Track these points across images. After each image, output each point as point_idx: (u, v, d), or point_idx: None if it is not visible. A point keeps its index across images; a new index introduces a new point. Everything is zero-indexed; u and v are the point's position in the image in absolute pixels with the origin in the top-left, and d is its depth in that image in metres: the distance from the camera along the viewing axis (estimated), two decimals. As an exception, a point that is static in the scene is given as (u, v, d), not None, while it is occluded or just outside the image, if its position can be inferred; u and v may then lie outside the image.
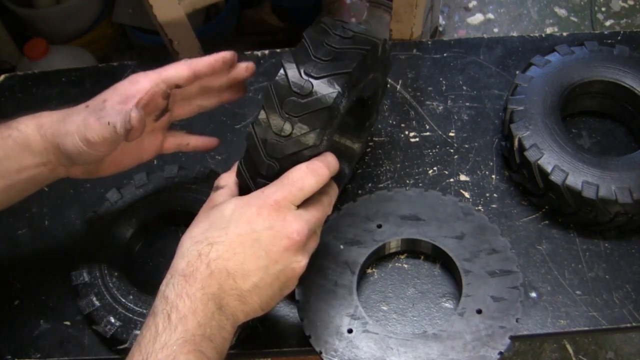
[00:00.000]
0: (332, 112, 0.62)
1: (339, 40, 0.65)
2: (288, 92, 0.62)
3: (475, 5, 2.29)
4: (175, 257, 0.60)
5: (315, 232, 0.65)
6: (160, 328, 0.55)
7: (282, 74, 0.62)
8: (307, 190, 0.61)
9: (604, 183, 0.76)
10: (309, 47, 0.64)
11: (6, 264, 0.85)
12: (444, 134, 0.92)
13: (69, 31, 1.79)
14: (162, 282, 0.59)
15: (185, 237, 0.61)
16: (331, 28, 0.67)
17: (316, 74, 0.62)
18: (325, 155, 0.64)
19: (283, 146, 0.62)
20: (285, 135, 0.61)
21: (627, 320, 0.75)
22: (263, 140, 0.62)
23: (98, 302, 0.75)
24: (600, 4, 2.27)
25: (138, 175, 0.85)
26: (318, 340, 0.71)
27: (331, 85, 0.62)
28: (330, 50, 0.64)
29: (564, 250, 0.80)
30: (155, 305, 0.57)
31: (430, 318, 0.75)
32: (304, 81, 0.62)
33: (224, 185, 0.66)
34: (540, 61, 0.87)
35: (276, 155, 0.62)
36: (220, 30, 1.68)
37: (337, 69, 0.62)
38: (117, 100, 0.66)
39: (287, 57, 0.63)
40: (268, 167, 0.63)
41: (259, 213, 0.59)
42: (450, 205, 0.80)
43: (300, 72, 0.62)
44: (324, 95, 0.61)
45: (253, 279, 0.59)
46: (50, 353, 0.77)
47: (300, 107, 0.61)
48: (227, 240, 0.59)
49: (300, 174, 0.61)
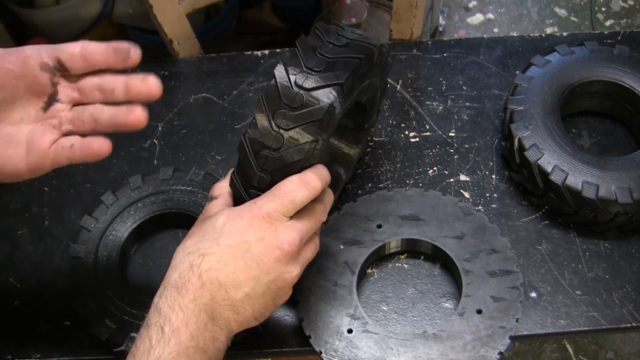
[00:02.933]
0: (323, 125, 0.61)
1: (332, 49, 0.64)
2: (279, 104, 0.61)
3: (475, 5, 2.29)
4: (169, 269, 0.60)
5: (312, 241, 0.65)
6: (154, 341, 0.55)
7: (273, 85, 0.62)
8: (299, 202, 0.61)
9: (604, 183, 0.76)
10: (301, 57, 0.63)
11: (6, 264, 0.85)
12: (444, 134, 0.92)
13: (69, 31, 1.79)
14: (155, 294, 0.59)
15: (178, 248, 0.62)
16: (325, 35, 0.65)
17: (308, 86, 0.61)
18: (318, 166, 0.63)
19: (274, 159, 0.61)
20: (277, 148, 0.61)
21: (627, 320, 0.75)
22: (254, 152, 0.62)
23: (93, 305, 0.75)
24: (600, 4, 2.27)
25: (133, 178, 0.85)
26: (318, 340, 0.71)
27: (323, 97, 0.61)
28: (322, 60, 0.63)
29: (564, 250, 0.80)
30: (149, 317, 0.58)
31: (430, 318, 0.75)
32: (294, 93, 0.61)
33: (217, 195, 0.67)
34: (540, 61, 0.87)
35: (267, 168, 0.62)
36: (220, 30, 1.67)
37: (328, 80, 0.62)
38: None
39: (279, 68, 0.62)
40: (260, 179, 0.63)
41: (251, 224, 0.60)
42: (450, 205, 0.80)
43: (292, 84, 0.61)
44: (315, 108, 0.61)
45: (245, 289, 0.59)
46: (50, 353, 0.77)
47: (292, 119, 0.61)
48: (219, 251, 0.59)
49: (292, 186, 0.61)
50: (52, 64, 0.60)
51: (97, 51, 0.60)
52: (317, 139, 0.61)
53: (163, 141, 0.95)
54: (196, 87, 1.01)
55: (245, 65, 1.03)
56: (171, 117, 0.97)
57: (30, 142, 0.60)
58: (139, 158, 0.93)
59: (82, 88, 0.62)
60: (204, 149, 0.93)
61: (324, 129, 0.62)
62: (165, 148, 0.94)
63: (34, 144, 0.60)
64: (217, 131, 0.95)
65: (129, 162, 0.93)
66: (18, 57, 0.60)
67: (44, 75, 0.60)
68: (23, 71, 0.59)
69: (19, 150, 0.60)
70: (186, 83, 1.02)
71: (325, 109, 0.61)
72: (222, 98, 0.99)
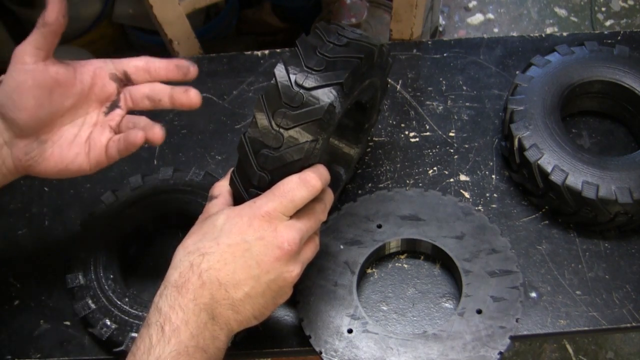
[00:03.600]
0: (323, 124, 0.61)
1: (332, 48, 0.64)
2: (279, 103, 0.61)
3: (475, 5, 2.29)
4: (169, 268, 0.61)
5: (313, 240, 0.65)
6: (154, 340, 0.56)
7: (273, 84, 0.62)
8: (298, 202, 0.61)
9: (604, 183, 0.76)
10: (301, 56, 0.63)
11: (6, 264, 0.85)
12: (444, 134, 0.92)
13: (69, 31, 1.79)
14: (156, 293, 0.59)
15: (179, 248, 0.62)
16: (325, 35, 0.65)
17: (308, 85, 0.61)
18: (318, 166, 0.64)
19: (274, 158, 0.61)
20: (276, 147, 0.61)
21: (627, 320, 0.75)
22: (254, 151, 0.62)
23: (93, 304, 0.75)
24: (600, 4, 2.27)
25: (133, 178, 0.85)
26: (318, 340, 0.71)
27: (322, 97, 0.61)
28: (322, 60, 0.63)
29: (564, 250, 0.80)
30: (149, 317, 0.58)
31: (430, 318, 0.75)
32: (294, 93, 0.61)
33: (217, 194, 0.67)
34: (540, 61, 0.87)
35: (267, 167, 0.62)
36: (220, 30, 1.67)
37: (328, 79, 0.61)
38: None
39: (279, 67, 0.62)
40: (260, 178, 0.62)
41: (250, 224, 0.60)
42: (450, 205, 0.80)
43: (292, 83, 0.61)
44: (315, 108, 0.61)
45: (244, 289, 0.59)
46: (50, 353, 0.77)
47: (291, 118, 0.61)
48: (219, 250, 0.59)
49: (292, 186, 0.61)
50: (120, 75, 0.69)
51: (160, 66, 0.70)
52: (317, 139, 0.61)
53: (163, 141, 0.95)
54: (196, 87, 1.00)
55: (245, 65, 1.03)
56: (171, 117, 0.97)
57: (92, 141, 0.69)
58: (139, 158, 0.93)
59: (134, 96, 0.70)
60: (204, 149, 0.93)
61: (323, 128, 0.62)
62: (165, 148, 0.94)
63: (95, 142, 0.69)
64: (217, 131, 0.95)
65: (129, 162, 0.93)
66: (89, 69, 0.68)
67: (112, 84, 0.69)
68: (94, 80, 0.68)
69: (83, 149, 0.68)
70: (186, 83, 1.02)
71: (325, 109, 0.61)
72: (222, 98, 0.99)
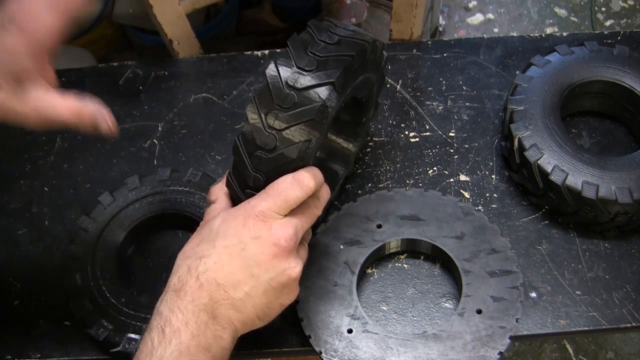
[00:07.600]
0: (316, 124, 0.61)
1: (324, 47, 0.64)
2: (271, 104, 0.61)
3: (475, 5, 2.29)
4: (170, 274, 0.61)
5: (302, 246, 0.65)
6: (156, 342, 0.56)
7: (264, 85, 0.62)
8: (292, 201, 0.61)
9: (604, 183, 0.76)
10: (292, 56, 0.63)
11: (6, 264, 0.85)
12: (444, 134, 0.92)
13: (68, 31, 1.78)
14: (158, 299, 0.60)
15: (179, 254, 0.63)
16: (317, 33, 0.65)
17: (299, 86, 0.61)
18: (311, 168, 0.64)
19: (268, 159, 0.62)
20: (270, 148, 0.61)
21: (627, 320, 0.75)
22: (249, 153, 0.62)
23: (90, 305, 0.75)
24: (600, 4, 2.27)
25: (131, 178, 0.85)
26: (318, 340, 0.71)
27: (314, 97, 0.61)
28: (313, 60, 0.63)
29: (564, 250, 0.80)
30: (151, 322, 0.58)
31: (430, 318, 0.75)
32: (286, 94, 0.61)
33: (215, 199, 0.67)
34: (540, 61, 0.87)
35: (262, 168, 0.62)
36: (220, 30, 1.67)
37: (319, 79, 0.62)
38: None
39: (270, 68, 0.62)
40: (255, 179, 0.63)
41: (245, 224, 0.60)
42: (450, 205, 0.80)
43: (283, 84, 0.61)
44: (307, 108, 0.61)
45: (244, 288, 0.59)
46: (50, 353, 0.77)
47: (284, 120, 0.61)
48: (215, 253, 0.60)
49: (286, 185, 0.61)
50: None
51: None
52: (311, 139, 0.62)
53: (163, 141, 0.95)
54: (196, 87, 1.01)
55: (245, 65, 1.03)
56: (171, 117, 0.97)
57: None
58: (139, 158, 0.93)
59: None
60: (204, 149, 0.93)
61: (317, 128, 0.62)
62: (165, 148, 0.94)
63: None
64: (217, 131, 0.95)
65: (128, 162, 0.93)
66: None
67: None
68: None
69: None
70: (186, 83, 1.02)
71: (317, 109, 0.61)
72: (222, 98, 0.99)
